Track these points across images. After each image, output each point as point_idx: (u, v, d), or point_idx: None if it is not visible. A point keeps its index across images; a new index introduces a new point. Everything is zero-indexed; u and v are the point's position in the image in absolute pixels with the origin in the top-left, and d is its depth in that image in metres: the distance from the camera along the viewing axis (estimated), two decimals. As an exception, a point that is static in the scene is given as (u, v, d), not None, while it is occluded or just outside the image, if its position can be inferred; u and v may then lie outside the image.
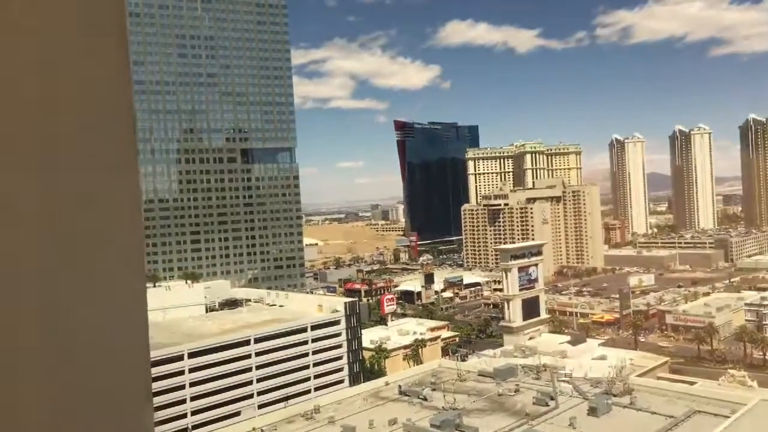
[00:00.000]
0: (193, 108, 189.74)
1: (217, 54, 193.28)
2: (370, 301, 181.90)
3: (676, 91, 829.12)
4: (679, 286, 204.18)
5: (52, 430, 0.96)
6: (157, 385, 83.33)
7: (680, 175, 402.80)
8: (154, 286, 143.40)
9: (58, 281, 0.99)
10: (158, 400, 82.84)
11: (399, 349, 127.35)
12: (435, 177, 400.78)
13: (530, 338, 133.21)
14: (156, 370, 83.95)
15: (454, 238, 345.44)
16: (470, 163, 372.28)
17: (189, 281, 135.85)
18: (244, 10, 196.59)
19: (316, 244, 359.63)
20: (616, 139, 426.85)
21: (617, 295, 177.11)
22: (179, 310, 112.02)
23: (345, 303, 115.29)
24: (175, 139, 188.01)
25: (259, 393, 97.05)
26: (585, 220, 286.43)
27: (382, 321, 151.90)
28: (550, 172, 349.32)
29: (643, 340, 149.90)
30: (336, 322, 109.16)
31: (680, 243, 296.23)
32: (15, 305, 0.93)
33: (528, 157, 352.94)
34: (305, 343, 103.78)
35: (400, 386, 76.93)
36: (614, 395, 68.44)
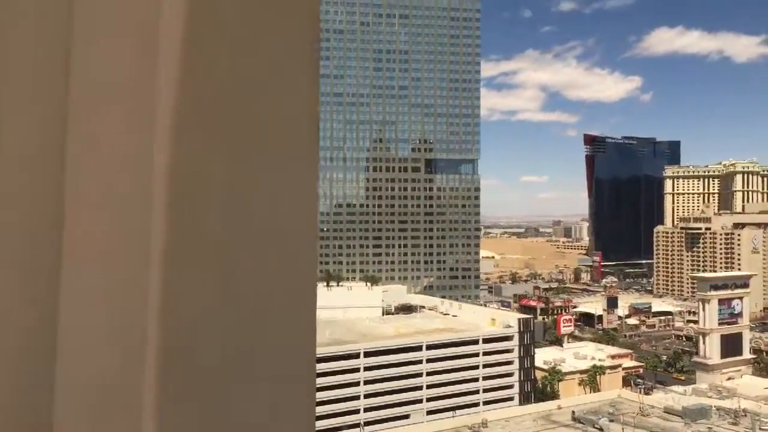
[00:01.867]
0: (384, 119, 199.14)
1: (410, 67, 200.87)
2: (546, 320, 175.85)
3: None
4: None
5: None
6: (333, 380, 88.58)
7: None
8: (338, 285, 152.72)
9: (237, 262, 1.02)
10: (334, 394, 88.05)
11: (575, 373, 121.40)
12: (625, 195, 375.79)
13: (729, 378, 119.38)
14: (334, 365, 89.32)
15: (643, 261, 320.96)
16: (668, 182, 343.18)
17: (369, 283, 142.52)
18: (438, 24, 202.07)
19: (493, 257, 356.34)
20: None
21: None
22: (358, 310, 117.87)
23: (519, 319, 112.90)
24: (365, 148, 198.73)
25: (429, 399, 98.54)
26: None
27: (557, 342, 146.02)
28: (765, 195, 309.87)
29: None
30: (509, 338, 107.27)
31: None
32: (199, 288, 0.96)
33: (738, 177, 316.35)
34: (476, 355, 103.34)
35: (573, 412, 73.58)
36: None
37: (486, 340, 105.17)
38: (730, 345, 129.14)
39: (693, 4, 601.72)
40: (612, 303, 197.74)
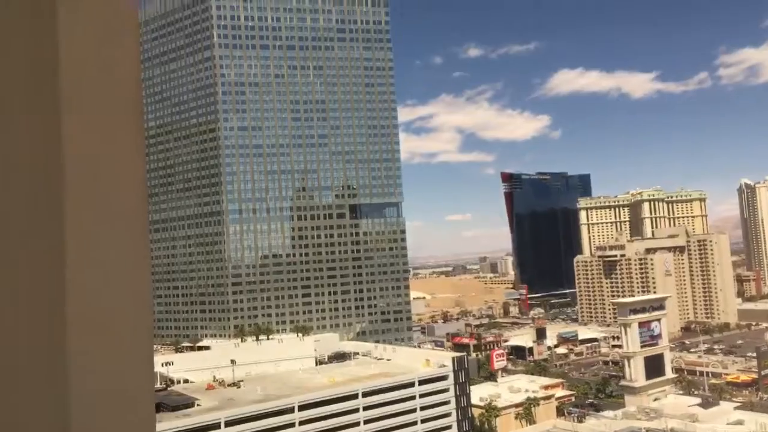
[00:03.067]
0: (305, 167, 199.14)
1: (328, 116, 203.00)
2: (479, 356, 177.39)
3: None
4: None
5: None
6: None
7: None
8: (268, 338, 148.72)
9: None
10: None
11: (510, 407, 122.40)
12: (544, 228, 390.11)
13: (655, 399, 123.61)
14: (267, 422, 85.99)
15: (566, 291, 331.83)
16: (582, 213, 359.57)
17: (300, 334, 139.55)
18: (353, 74, 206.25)
19: (424, 298, 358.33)
20: (745, 183, 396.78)
21: (754, 354, 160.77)
22: (290, 362, 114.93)
23: (453, 358, 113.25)
24: (288, 197, 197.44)
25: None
26: (713, 271, 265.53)
27: (491, 377, 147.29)
28: (671, 220, 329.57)
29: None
30: (444, 378, 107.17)
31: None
32: None
33: (646, 205, 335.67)
34: (413, 398, 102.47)
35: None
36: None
37: (422, 382, 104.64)
38: (653, 366, 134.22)
39: (590, 46, 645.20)
40: (541, 334, 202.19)
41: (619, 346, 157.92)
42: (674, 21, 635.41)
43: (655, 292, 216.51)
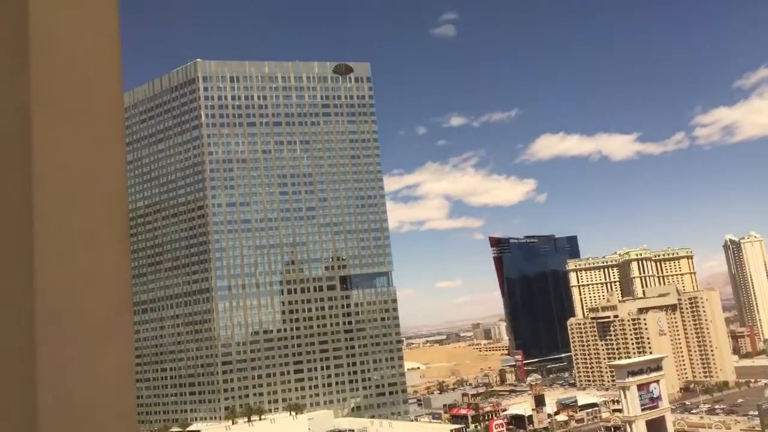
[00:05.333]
0: (294, 240, 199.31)
1: (315, 189, 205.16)
2: (478, 427, 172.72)
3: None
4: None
5: None
6: None
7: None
8: (260, 419, 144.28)
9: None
10: None
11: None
12: (536, 291, 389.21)
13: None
14: None
15: (562, 355, 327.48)
16: (572, 275, 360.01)
17: (293, 413, 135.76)
18: (338, 147, 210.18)
19: (419, 368, 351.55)
20: (730, 239, 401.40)
21: (756, 412, 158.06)
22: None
23: (451, 430, 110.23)
24: (278, 271, 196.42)
25: None
26: (707, 328, 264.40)
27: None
28: (660, 279, 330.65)
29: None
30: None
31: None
32: None
33: (634, 264, 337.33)
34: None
35: None
36: None
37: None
38: (656, 430, 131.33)
39: (568, 110, 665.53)
40: (539, 401, 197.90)
41: (620, 410, 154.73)
42: (649, 80, 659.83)
43: (650, 353, 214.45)
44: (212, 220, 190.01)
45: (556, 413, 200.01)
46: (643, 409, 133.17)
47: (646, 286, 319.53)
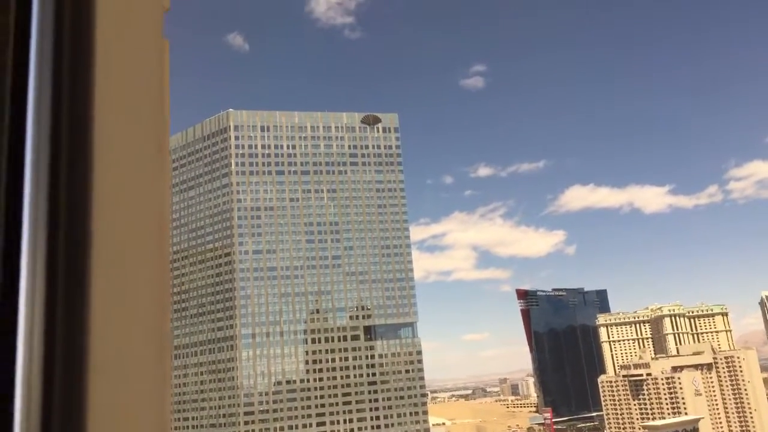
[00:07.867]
0: (319, 289, 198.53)
1: (341, 237, 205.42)
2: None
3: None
4: None
5: None
6: None
7: None
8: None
9: None
10: None
11: None
12: (565, 346, 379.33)
13: None
14: None
15: (594, 414, 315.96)
16: (602, 330, 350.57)
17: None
18: (365, 195, 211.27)
19: (443, 424, 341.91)
20: (767, 296, 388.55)
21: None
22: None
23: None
24: (302, 320, 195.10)
25: None
26: (745, 389, 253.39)
27: None
28: (694, 336, 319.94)
29: None
30: None
31: None
32: None
33: (667, 320, 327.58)
34: None
35: None
36: None
37: None
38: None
39: (600, 161, 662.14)
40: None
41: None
42: (683, 132, 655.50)
43: (686, 413, 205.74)
44: (238, 267, 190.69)
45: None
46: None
47: (680, 343, 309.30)
